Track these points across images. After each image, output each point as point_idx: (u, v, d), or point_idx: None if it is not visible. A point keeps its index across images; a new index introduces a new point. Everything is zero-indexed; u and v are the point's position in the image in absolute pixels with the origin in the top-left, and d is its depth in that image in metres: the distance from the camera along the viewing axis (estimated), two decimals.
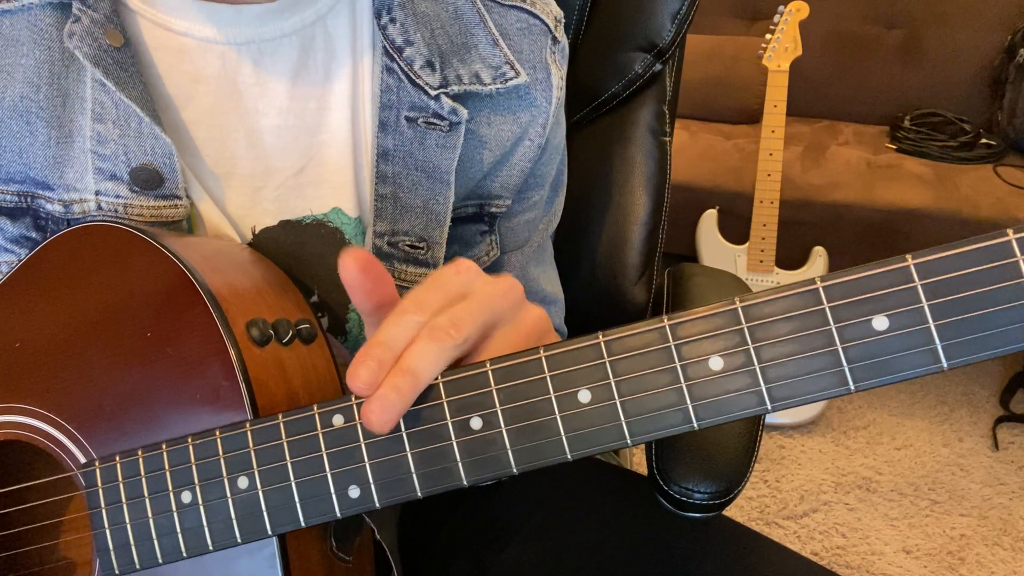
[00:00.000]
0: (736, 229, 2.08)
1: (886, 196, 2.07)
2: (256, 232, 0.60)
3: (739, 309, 0.38)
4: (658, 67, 0.93)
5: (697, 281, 0.95)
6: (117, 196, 0.55)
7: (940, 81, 2.39)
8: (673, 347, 0.39)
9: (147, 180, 0.55)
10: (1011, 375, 2.15)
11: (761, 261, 1.99)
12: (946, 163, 2.19)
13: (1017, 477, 1.89)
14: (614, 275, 0.95)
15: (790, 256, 2.07)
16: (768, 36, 1.92)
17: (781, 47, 1.91)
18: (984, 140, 2.23)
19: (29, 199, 0.56)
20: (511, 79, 0.62)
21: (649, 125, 0.95)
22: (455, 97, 0.61)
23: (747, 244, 2.01)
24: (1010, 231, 0.35)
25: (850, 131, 2.42)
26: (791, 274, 2.03)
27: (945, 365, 0.36)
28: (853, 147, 2.30)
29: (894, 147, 2.28)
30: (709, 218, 2.12)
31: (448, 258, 0.68)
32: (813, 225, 2.10)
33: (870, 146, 2.31)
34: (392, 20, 0.60)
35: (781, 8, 1.91)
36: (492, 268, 0.72)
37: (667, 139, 0.96)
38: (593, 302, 0.95)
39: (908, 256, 0.36)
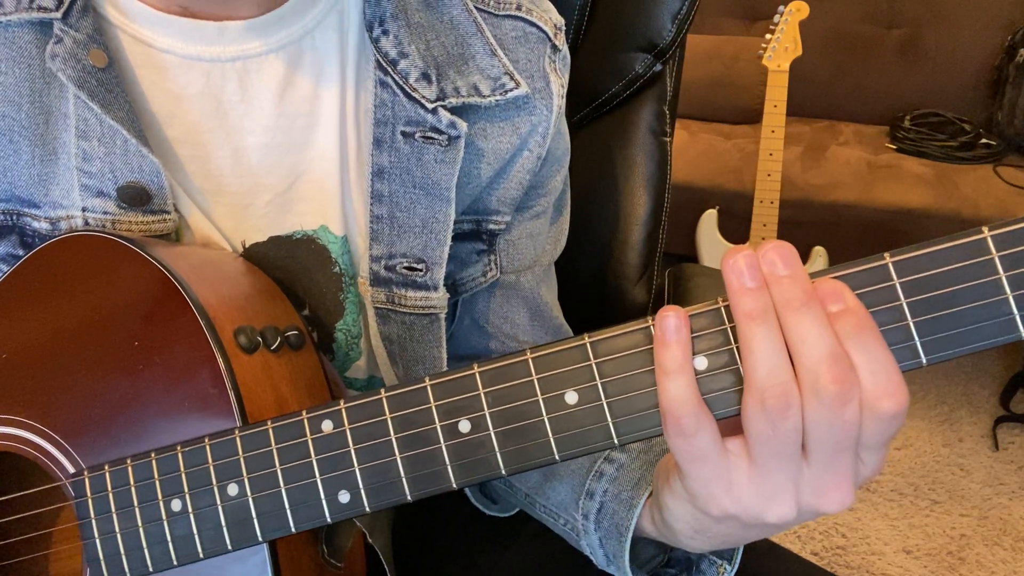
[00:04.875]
0: (736, 229, 2.08)
1: (886, 196, 2.07)
2: (246, 246, 0.59)
3: (722, 309, 0.38)
4: (658, 67, 0.92)
5: (698, 282, 0.95)
6: (104, 212, 0.54)
7: (940, 81, 2.39)
8: None
9: (134, 197, 0.54)
10: (1011, 375, 2.14)
11: None
12: (946, 163, 2.18)
13: (1017, 477, 1.89)
14: (614, 275, 0.94)
15: None
16: (768, 36, 1.92)
17: (781, 47, 1.91)
18: (984, 140, 2.22)
19: (15, 217, 0.55)
20: (511, 90, 0.60)
21: (649, 125, 0.95)
22: (453, 110, 0.59)
23: (747, 244, 2.00)
24: (985, 228, 0.35)
25: (850, 131, 2.42)
26: None
27: (924, 361, 0.36)
28: (853, 147, 2.30)
29: (894, 147, 2.28)
30: (709, 218, 2.12)
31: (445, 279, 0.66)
32: (813, 225, 2.09)
33: (870, 146, 2.30)
34: (385, 32, 0.59)
35: (781, 8, 1.91)
36: (501, 289, 0.70)
37: (667, 139, 0.95)
38: (593, 302, 0.94)
39: (886, 254, 0.36)
